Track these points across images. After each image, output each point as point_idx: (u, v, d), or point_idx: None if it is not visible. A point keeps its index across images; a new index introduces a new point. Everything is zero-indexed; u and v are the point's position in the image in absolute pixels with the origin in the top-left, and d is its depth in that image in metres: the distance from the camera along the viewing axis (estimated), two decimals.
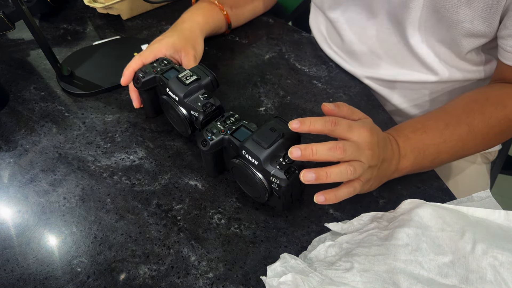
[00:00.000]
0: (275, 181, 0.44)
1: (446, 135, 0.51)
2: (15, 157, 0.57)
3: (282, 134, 0.45)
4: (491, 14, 0.50)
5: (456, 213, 0.42)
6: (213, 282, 0.45)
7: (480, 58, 0.60)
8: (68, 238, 0.49)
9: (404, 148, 0.50)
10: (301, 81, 0.69)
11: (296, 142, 0.47)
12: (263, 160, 0.44)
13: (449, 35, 0.56)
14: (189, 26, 0.66)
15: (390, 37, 0.62)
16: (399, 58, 0.64)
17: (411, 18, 0.57)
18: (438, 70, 0.61)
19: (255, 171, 0.45)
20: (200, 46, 0.65)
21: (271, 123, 0.46)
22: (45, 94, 0.67)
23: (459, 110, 0.53)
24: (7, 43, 0.77)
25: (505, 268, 0.36)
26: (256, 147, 0.44)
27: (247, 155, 0.45)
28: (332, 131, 0.43)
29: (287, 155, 0.44)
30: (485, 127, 0.52)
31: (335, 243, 0.45)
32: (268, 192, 0.46)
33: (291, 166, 0.44)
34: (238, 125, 0.49)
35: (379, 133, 0.47)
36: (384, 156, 0.47)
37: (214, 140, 0.48)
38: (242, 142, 0.46)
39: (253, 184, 0.46)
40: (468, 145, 0.53)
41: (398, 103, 0.69)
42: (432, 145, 0.51)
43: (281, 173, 0.44)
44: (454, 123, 0.51)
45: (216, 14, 0.72)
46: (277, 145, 0.44)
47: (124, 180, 0.54)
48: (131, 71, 0.58)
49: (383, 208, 0.51)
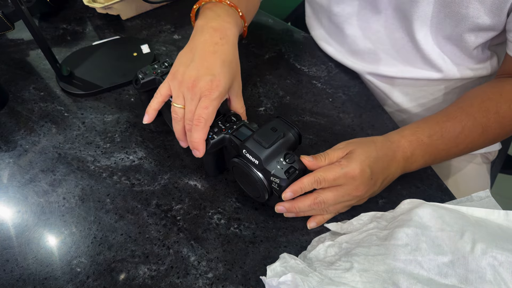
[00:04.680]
0: (275, 181, 0.44)
1: (460, 139, 0.51)
2: (15, 157, 0.57)
3: (283, 134, 0.45)
4: (501, 7, 0.50)
5: (456, 213, 0.42)
6: (212, 282, 0.45)
7: (484, 55, 0.60)
8: (68, 238, 0.49)
9: (415, 155, 0.50)
10: (301, 81, 0.69)
11: (297, 143, 0.47)
12: (264, 159, 0.44)
13: (457, 31, 0.55)
14: (228, 48, 0.52)
15: (395, 32, 0.62)
16: (403, 54, 0.63)
17: (419, 12, 0.56)
18: (442, 67, 0.61)
19: (255, 171, 0.45)
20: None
21: (273, 123, 0.46)
22: (45, 94, 0.67)
23: (475, 109, 0.52)
24: (7, 43, 0.77)
25: (505, 268, 0.36)
26: (257, 147, 0.44)
27: (248, 155, 0.45)
28: (321, 187, 0.46)
29: (288, 155, 0.44)
30: (498, 128, 0.52)
31: (334, 243, 0.45)
32: (268, 192, 0.46)
33: (292, 166, 0.44)
34: (239, 125, 0.49)
35: (372, 159, 0.47)
36: (385, 176, 0.49)
37: (215, 139, 0.48)
38: (243, 141, 0.46)
39: (253, 183, 0.46)
40: (477, 146, 0.53)
41: (400, 100, 0.69)
42: (444, 150, 0.51)
43: (281, 173, 0.44)
44: (470, 125, 0.51)
45: (238, 19, 0.58)
46: (278, 145, 0.44)
47: (124, 180, 0.54)
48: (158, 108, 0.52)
49: (383, 208, 0.51)
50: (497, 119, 0.52)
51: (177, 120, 0.50)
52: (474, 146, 0.53)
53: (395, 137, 0.50)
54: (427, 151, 0.50)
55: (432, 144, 0.50)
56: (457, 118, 0.52)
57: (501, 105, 0.52)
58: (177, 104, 0.50)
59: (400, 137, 0.50)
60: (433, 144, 0.50)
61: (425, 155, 0.50)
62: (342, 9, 0.66)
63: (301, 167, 0.45)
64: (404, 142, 0.50)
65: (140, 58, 0.71)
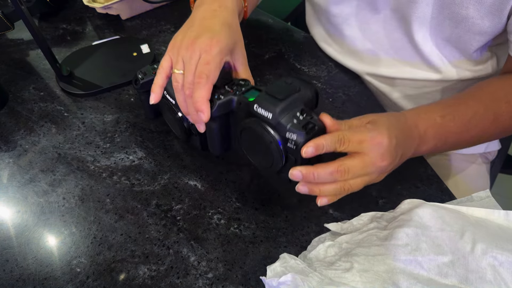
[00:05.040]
0: (292, 138, 0.38)
1: (472, 124, 0.50)
2: (14, 157, 0.57)
3: (298, 88, 0.40)
4: (501, 9, 0.50)
5: (456, 213, 0.42)
6: (212, 282, 0.45)
7: (484, 56, 0.60)
8: (68, 238, 0.49)
9: (427, 134, 0.48)
10: None
11: (313, 102, 0.42)
12: (278, 112, 0.38)
13: (456, 33, 0.55)
14: (227, 13, 0.50)
15: (394, 33, 0.62)
16: (402, 55, 0.63)
17: (418, 14, 0.56)
18: (442, 68, 0.61)
19: (268, 129, 0.39)
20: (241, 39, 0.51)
21: (286, 78, 0.41)
22: (45, 94, 0.67)
23: (487, 97, 0.52)
24: (7, 43, 0.77)
25: (505, 268, 0.36)
26: (270, 100, 0.39)
27: (260, 109, 0.39)
28: (343, 150, 0.40)
29: (305, 110, 0.39)
30: (509, 118, 0.51)
31: (334, 243, 0.45)
32: (283, 155, 0.40)
33: (310, 122, 0.38)
34: (248, 87, 0.44)
35: (396, 130, 0.43)
36: (403, 151, 0.45)
37: (221, 99, 0.43)
38: (255, 99, 0.41)
39: (266, 147, 0.40)
40: (487, 134, 0.53)
41: (399, 101, 0.69)
42: (455, 133, 0.50)
43: (299, 127, 0.38)
44: (482, 112, 0.50)
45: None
46: (293, 98, 0.39)
47: (124, 180, 0.54)
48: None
49: (383, 208, 0.51)
50: (508, 108, 0.51)
51: (178, 89, 0.46)
52: (485, 134, 0.52)
53: (410, 113, 0.48)
54: (438, 132, 0.49)
55: (445, 125, 0.49)
56: (469, 103, 0.51)
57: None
58: (177, 70, 0.45)
59: (414, 114, 0.48)
60: (445, 125, 0.49)
61: (436, 136, 0.49)
62: (341, 10, 0.66)
63: (320, 125, 0.39)
64: (418, 119, 0.48)
65: (140, 58, 0.71)
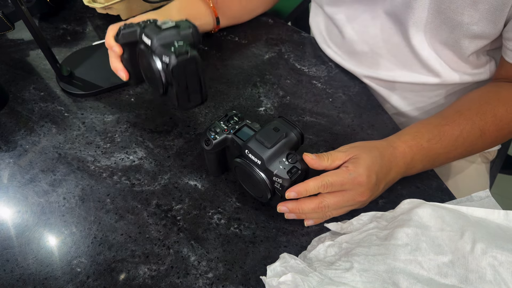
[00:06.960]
0: (278, 181, 0.44)
1: (459, 142, 0.51)
2: (15, 157, 0.57)
3: (285, 134, 0.45)
4: (496, 15, 0.50)
5: (456, 213, 0.42)
6: (212, 282, 0.45)
7: (481, 60, 0.60)
8: (68, 238, 0.49)
9: (414, 160, 0.50)
10: (301, 81, 0.69)
11: (299, 143, 0.47)
12: (266, 159, 0.44)
13: (453, 37, 0.55)
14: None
15: (392, 37, 0.62)
16: (401, 59, 0.63)
17: (414, 18, 0.56)
18: (440, 72, 0.61)
19: (258, 171, 0.45)
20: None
21: (275, 122, 0.46)
22: (45, 94, 0.67)
23: (473, 112, 0.53)
24: (7, 43, 0.77)
25: (505, 267, 0.36)
26: (259, 147, 0.44)
27: (250, 155, 0.45)
28: (327, 191, 0.45)
29: (290, 155, 0.44)
30: (495, 131, 0.52)
31: (334, 243, 0.45)
32: (270, 192, 0.46)
33: (294, 166, 0.44)
34: (241, 125, 0.49)
35: (377, 166, 0.47)
36: (386, 182, 0.49)
37: (217, 139, 0.48)
38: (245, 141, 0.46)
39: (256, 183, 0.46)
40: (475, 149, 0.54)
41: (398, 104, 0.69)
42: (443, 154, 0.51)
43: (284, 173, 0.44)
44: (468, 128, 0.51)
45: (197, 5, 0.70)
46: (280, 145, 0.44)
47: (124, 180, 0.54)
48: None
49: (383, 208, 0.51)
50: (494, 122, 0.52)
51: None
52: (473, 149, 0.53)
53: (396, 142, 0.50)
54: (427, 156, 0.51)
55: (431, 148, 0.50)
56: (455, 122, 0.52)
57: (499, 109, 0.52)
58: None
59: (401, 143, 0.50)
60: (432, 148, 0.51)
61: (424, 160, 0.51)
62: (340, 12, 0.66)
63: (303, 167, 0.45)
64: (405, 147, 0.50)
65: None
